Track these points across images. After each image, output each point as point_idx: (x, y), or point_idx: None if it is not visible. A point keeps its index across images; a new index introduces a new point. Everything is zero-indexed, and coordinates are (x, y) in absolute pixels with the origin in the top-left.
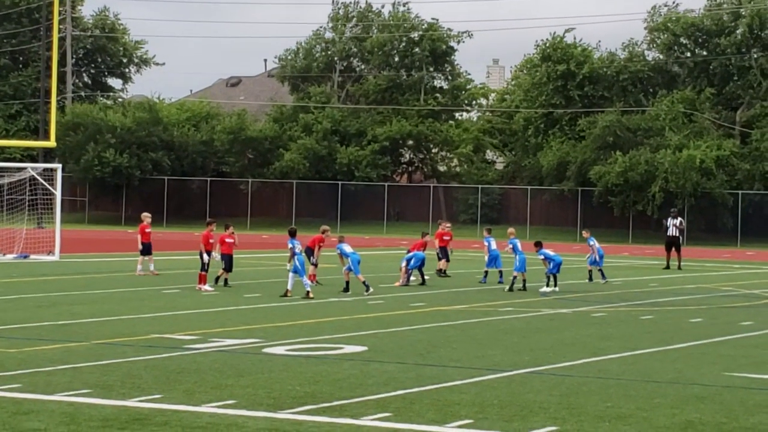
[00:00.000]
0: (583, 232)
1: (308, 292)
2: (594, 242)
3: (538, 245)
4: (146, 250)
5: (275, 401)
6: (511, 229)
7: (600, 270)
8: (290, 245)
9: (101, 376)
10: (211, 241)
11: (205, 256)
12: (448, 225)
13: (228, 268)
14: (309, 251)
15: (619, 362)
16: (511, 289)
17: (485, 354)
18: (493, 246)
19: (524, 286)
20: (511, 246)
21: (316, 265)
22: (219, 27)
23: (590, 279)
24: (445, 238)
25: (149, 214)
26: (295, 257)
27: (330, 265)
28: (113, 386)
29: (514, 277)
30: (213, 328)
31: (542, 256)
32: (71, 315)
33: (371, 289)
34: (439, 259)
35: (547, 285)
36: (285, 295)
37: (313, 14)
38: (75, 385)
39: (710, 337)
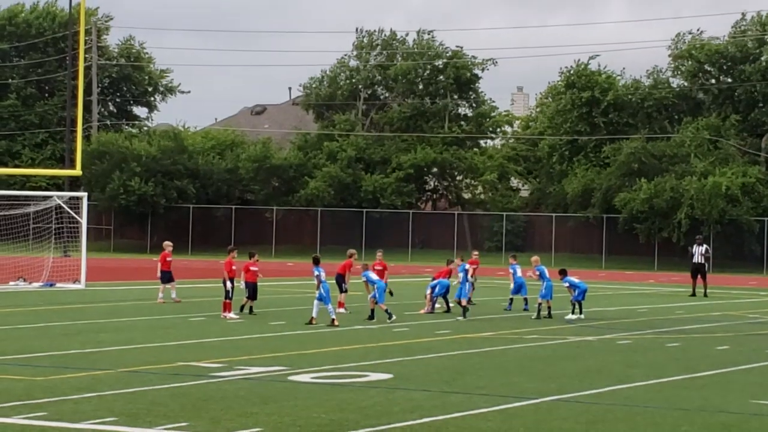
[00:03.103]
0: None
1: (333, 319)
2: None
3: (563, 273)
4: (167, 278)
5: (301, 429)
6: (535, 257)
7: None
8: (316, 273)
9: (127, 404)
10: (233, 267)
11: (228, 284)
12: (476, 253)
13: (252, 296)
14: (340, 278)
15: (646, 390)
16: (537, 317)
17: (511, 381)
18: (519, 273)
19: (549, 313)
20: (538, 273)
21: (346, 291)
22: (244, 56)
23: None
24: (473, 266)
25: (171, 243)
26: (321, 285)
27: (355, 293)
28: (139, 414)
29: (539, 304)
30: (238, 356)
31: (567, 284)
32: (97, 343)
33: (394, 317)
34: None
35: (573, 312)
36: (310, 322)
37: (338, 42)
38: (101, 414)
39: (737, 365)
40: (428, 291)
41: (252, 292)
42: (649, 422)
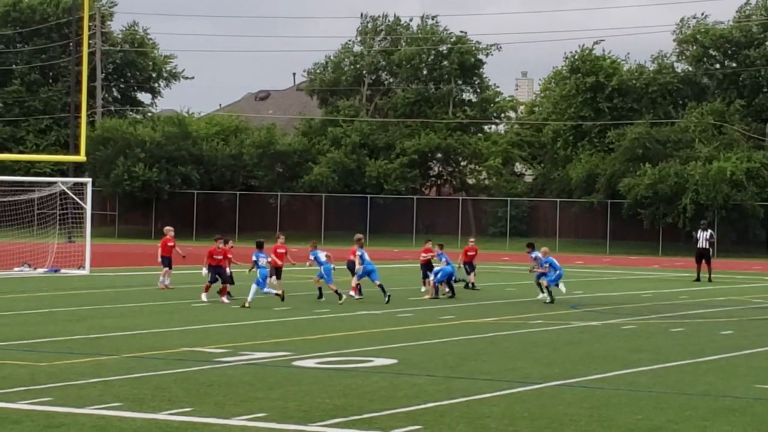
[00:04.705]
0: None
1: (277, 293)
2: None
3: (531, 246)
4: (167, 263)
5: (305, 414)
6: (545, 249)
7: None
8: (254, 258)
9: (132, 390)
10: (216, 257)
11: (204, 270)
12: (472, 240)
13: (229, 281)
14: (351, 264)
15: (650, 375)
16: (551, 301)
17: (515, 366)
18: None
19: (551, 299)
20: (548, 264)
21: (361, 277)
22: (248, 41)
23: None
24: (470, 253)
25: (171, 228)
26: (258, 270)
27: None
28: (144, 399)
29: (548, 287)
30: (243, 341)
31: (548, 263)
32: (102, 328)
33: (344, 297)
34: (467, 273)
35: (542, 291)
36: (244, 306)
37: (343, 28)
38: (106, 399)
39: (741, 350)
40: (431, 277)
41: (225, 277)
42: (654, 407)
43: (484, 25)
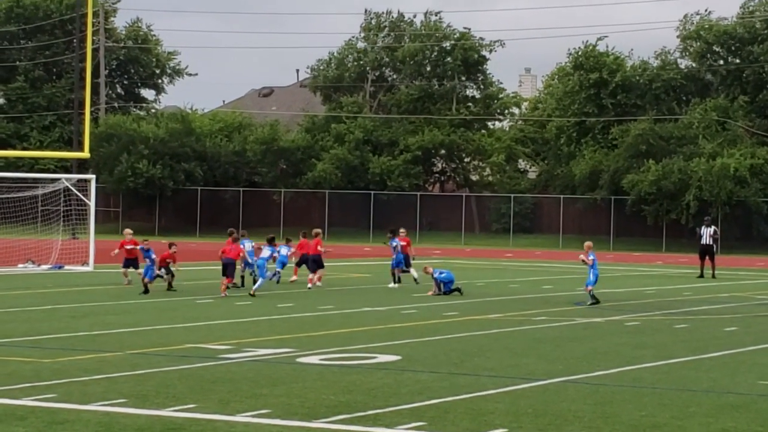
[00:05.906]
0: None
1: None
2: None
3: (393, 233)
4: (132, 264)
5: (309, 410)
6: (588, 243)
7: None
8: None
9: (136, 386)
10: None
11: (162, 270)
12: (403, 231)
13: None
14: (311, 257)
15: (654, 371)
16: (595, 302)
17: (519, 363)
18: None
19: (595, 301)
20: (592, 259)
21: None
22: (251, 37)
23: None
24: (402, 243)
25: (131, 231)
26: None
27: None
28: (148, 396)
29: (591, 293)
30: (247, 338)
31: (394, 244)
32: (105, 325)
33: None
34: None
35: (395, 282)
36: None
37: (346, 24)
38: (110, 395)
39: (745, 346)
40: (435, 274)
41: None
42: (657, 403)
43: (487, 21)
